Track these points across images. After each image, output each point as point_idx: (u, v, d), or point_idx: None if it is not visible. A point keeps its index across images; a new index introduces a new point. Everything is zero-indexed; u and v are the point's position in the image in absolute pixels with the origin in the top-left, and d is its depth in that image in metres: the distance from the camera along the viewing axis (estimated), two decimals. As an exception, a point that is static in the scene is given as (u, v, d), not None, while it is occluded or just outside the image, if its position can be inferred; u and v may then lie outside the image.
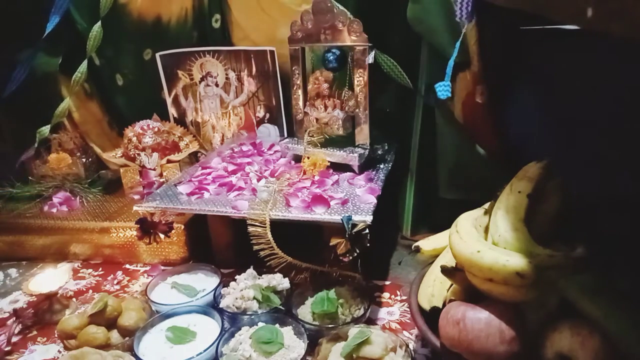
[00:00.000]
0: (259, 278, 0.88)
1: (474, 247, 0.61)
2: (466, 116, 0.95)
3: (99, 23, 1.22)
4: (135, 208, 0.97)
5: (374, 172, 1.03)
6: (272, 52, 1.25)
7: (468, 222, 0.69)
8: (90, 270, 1.09)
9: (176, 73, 1.36)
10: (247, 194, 0.97)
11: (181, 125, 1.40)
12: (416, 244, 0.84)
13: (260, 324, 0.78)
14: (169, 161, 1.26)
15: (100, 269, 1.09)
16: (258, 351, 0.73)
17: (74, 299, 0.97)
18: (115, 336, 0.80)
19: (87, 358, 0.70)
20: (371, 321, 0.85)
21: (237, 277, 0.89)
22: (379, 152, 1.11)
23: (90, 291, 1.01)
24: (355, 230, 0.81)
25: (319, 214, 0.87)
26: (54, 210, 1.18)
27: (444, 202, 1.03)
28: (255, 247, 0.86)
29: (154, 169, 1.23)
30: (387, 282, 0.98)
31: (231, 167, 1.10)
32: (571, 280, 0.58)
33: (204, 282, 0.95)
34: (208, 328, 0.81)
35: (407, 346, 0.71)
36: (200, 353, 0.74)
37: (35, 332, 0.89)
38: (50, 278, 0.91)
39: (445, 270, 0.66)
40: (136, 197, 1.20)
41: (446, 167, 1.03)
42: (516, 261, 0.57)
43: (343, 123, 1.04)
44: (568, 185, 0.70)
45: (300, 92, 1.10)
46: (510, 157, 0.91)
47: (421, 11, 0.94)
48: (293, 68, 1.09)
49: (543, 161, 0.71)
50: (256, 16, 1.24)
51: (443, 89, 0.84)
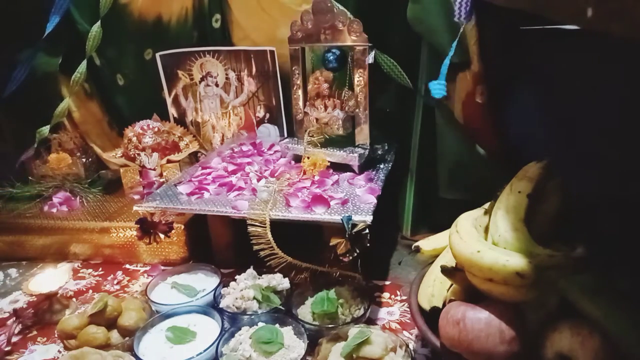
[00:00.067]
0: (259, 278, 0.88)
1: (474, 247, 0.61)
2: (466, 116, 0.95)
3: (99, 23, 1.22)
4: (135, 208, 0.97)
5: (374, 172, 1.03)
6: (272, 52, 1.25)
7: (468, 222, 0.69)
8: (90, 270, 1.09)
9: (176, 73, 1.36)
10: (247, 194, 0.97)
11: (181, 125, 1.40)
12: (416, 244, 0.84)
13: (260, 324, 0.78)
14: (169, 161, 1.26)
15: (100, 269, 1.09)
16: (258, 351, 0.73)
17: (74, 299, 0.97)
18: (115, 336, 0.80)
19: (87, 358, 0.70)
20: (371, 321, 0.85)
21: (237, 277, 0.90)
22: (379, 152, 1.11)
23: (90, 291, 1.01)
24: (355, 230, 0.81)
25: (319, 214, 0.87)
26: (54, 210, 1.18)
27: (444, 202, 1.03)
28: (255, 247, 0.86)
29: (154, 169, 1.23)
30: (387, 282, 0.98)
31: (231, 167, 1.10)
32: (571, 280, 0.58)
33: (204, 282, 0.95)
34: (208, 328, 0.81)
35: (407, 346, 0.71)
36: (200, 353, 0.74)
37: (35, 332, 0.89)
38: (50, 278, 0.91)
39: (445, 270, 0.66)
40: (136, 197, 1.20)
41: (446, 167, 1.03)
42: (516, 261, 0.57)
43: (343, 123, 1.04)
44: (568, 185, 0.70)
45: (300, 92, 1.10)
46: (510, 157, 0.91)
47: (421, 11, 0.94)
48: (293, 68, 1.09)
49: (543, 161, 0.71)
50: (256, 16, 1.24)
51: (438, 88, 0.84)
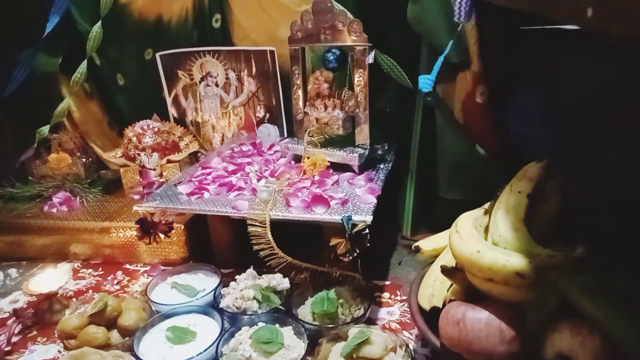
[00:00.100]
0: (259, 278, 0.88)
1: (474, 247, 0.61)
2: (466, 116, 0.94)
3: (99, 23, 1.22)
4: (135, 208, 0.97)
5: (374, 172, 1.03)
6: (272, 52, 1.25)
7: (468, 222, 0.69)
8: (90, 270, 1.09)
9: (176, 73, 1.36)
10: (247, 194, 0.97)
11: (181, 125, 1.40)
12: (416, 244, 0.84)
13: (260, 324, 0.78)
14: (169, 161, 1.26)
15: (100, 269, 1.09)
16: (258, 351, 0.73)
17: (74, 299, 0.97)
18: (115, 336, 0.80)
19: (87, 358, 0.70)
20: (371, 321, 0.85)
21: (237, 277, 0.90)
22: (379, 152, 1.11)
23: (90, 291, 1.01)
24: (355, 230, 0.81)
25: (319, 214, 0.87)
26: (54, 210, 1.18)
27: (444, 202, 1.03)
28: (255, 247, 0.86)
29: (154, 169, 1.23)
30: (387, 282, 0.98)
31: (231, 167, 1.10)
32: (571, 280, 0.58)
33: (204, 282, 0.95)
34: (208, 328, 0.81)
35: (407, 346, 0.71)
36: (200, 353, 0.74)
37: (35, 332, 0.89)
38: (50, 278, 0.91)
39: (445, 270, 0.66)
40: (136, 197, 1.20)
41: (446, 167, 1.03)
42: (516, 261, 0.57)
43: (343, 123, 1.04)
44: (568, 185, 0.70)
45: (300, 92, 1.10)
46: (510, 157, 0.91)
47: (421, 11, 0.94)
48: (293, 68, 1.09)
49: (543, 161, 0.71)
50: (257, 16, 1.24)
51: (426, 83, 0.84)
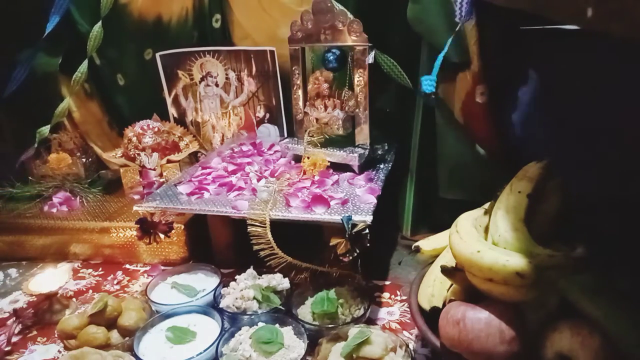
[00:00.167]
0: (259, 278, 0.88)
1: (474, 247, 0.61)
2: (466, 116, 0.94)
3: (100, 23, 1.22)
4: (135, 208, 0.97)
5: (374, 172, 1.03)
6: (272, 52, 1.25)
7: (468, 222, 0.69)
8: (90, 270, 1.09)
9: (176, 73, 1.36)
10: (247, 194, 0.97)
11: (181, 125, 1.40)
12: (416, 244, 0.84)
13: (260, 324, 0.78)
14: (169, 161, 1.26)
15: (100, 269, 1.09)
16: (258, 351, 0.73)
17: (74, 299, 0.97)
18: (115, 336, 0.80)
19: (87, 358, 0.70)
20: (371, 321, 0.85)
21: (237, 277, 0.90)
22: (379, 152, 1.11)
23: (90, 291, 1.01)
24: (355, 230, 0.81)
25: (319, 214, 0.87)
26: (54, 210, 1.18)
27: (444, 202, 1.03)
28: (255, 247, 0.86)
29: (154, 169, 1.23)
30: (387, 282, 0.98)
31: (231, 167, 1.10)
32: (571, 280, 0.58)
33: (204, 282, 0.95)
34: (208, 328, 0.81)
35: (407, 346, 0.71)
36: (200, 353, 0.74)
37: (35, 332, 0.89)
38: (50, 278, 0.91)
39: (445, 270, 0.66)
40: (136, 197, 1.20)
41: (446, 167, 1.03)
42: (516, 261, 0.57)
43: (343, 123, 1.04)
44: (568, 185, 0.70)
45: (300, 92, 1.10)
46: (510, 157, 0.91)
47: (421, 11, 0.94)
48: (293, 68, 1.09)
49: (543, 161, 0.71)
50: (257, 16, 1.24)
51: (428, 83, 0.84)
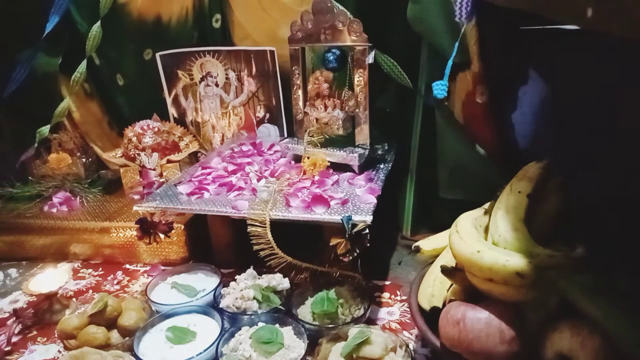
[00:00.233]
0: (259, 278, 0.88)
1: (474, 247, 0.61)
2: (466, 116, 0.95)
3: (99, 23, 1.22)
4: (135, 208, 0.97)
5: (374, 172, 1.03)
6: (272, 52, 1.25)
7: (468, 222, 0.69)
8: (90, 270, 1.09)
9: (176, 73, 1.36)
10: (247, 194, 0.97)
11: (181, 125, 1.40)
12: (416, 244, 0.84)
13: (260, 324, 0.78)
14: (169, 161, 1.26)
15: (100, 269, 1.09)
16: (258, 351, 0.73)
17: (74, 299, 0.97)
18: (115, 336, 0.80)
19: (87, 358, 0.70)
20: (371, 321, 0.85)
21: (237, 277, 0.90)
22: (379, 152, 1.11)
23: (90, 291, 1.01)
24: (355, 230, 0.81)
25: (319, 214, 0.87)
26: (54, 210, 1.18)
27: (444, 202, 1.03)
28: (255, 247, 0.86)
29: (154, 169, 1.23)
30: (387, 282, 0.98)
31: (231, 167, 1.10)
32: (571, 280, 0.58)
33: (204, 282, 0.95)
34: (208, 328, 0.81)
35: (407, 346, 0.71)
36: (200, 353, 0.74)
37: (35, 332, 0.89)
38: (50, 278, 0.91)
39: (445, 270, 0.66)
40: (136, 197, 1.20)
41: (446, 167, 1.03)
42: (516, 261, 0.57)
43: (343, 123, 1.04)
44: (568, 185, 0.70)
45: (300, 92, 1.10)
46: (510, 157, 0.91)
47: (421, 11, 0.94)
48: (293, 68, 1.09)
49: (543, 161, 0.71)
50: (257, 16, 1.24)
51: (440, 88, 0.84)
